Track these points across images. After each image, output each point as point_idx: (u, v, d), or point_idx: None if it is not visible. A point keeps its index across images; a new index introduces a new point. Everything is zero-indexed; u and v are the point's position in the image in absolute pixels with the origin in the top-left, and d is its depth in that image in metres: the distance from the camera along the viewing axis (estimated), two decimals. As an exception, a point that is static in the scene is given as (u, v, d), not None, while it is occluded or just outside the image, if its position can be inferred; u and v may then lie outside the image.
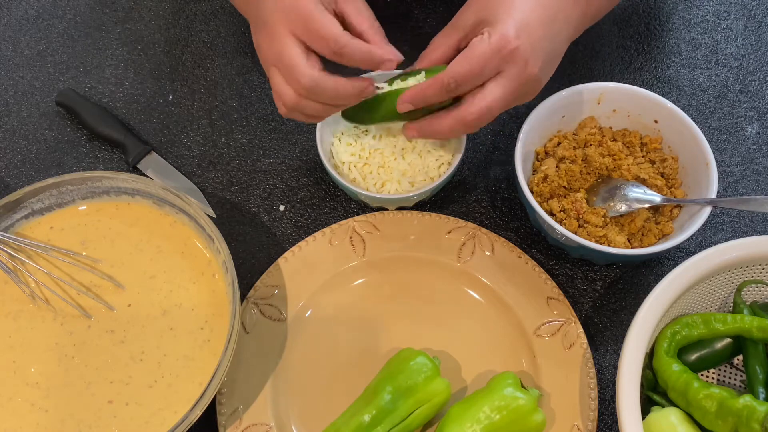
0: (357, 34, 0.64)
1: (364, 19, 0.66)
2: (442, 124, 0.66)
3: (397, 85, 0.67)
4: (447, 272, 0.75)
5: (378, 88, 0.68)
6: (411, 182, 0.75)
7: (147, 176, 0.81)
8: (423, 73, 0.67)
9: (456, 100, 0.66)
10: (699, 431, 0.61)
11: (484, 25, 0.63)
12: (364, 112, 0.69)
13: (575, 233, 0.71)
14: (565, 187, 0.74)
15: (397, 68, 0.65)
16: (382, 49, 0.64)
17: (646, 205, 0.73)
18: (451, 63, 0.63)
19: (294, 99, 0.65)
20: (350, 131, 0.77)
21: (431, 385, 0.65)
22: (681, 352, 0.66)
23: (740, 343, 0.66)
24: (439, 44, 0.67)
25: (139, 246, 0.73)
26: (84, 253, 0.73)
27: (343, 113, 0.71)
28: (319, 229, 0.76)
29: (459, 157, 0.75)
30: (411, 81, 0.67)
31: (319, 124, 0.76)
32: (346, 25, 0.65)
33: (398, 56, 0.64)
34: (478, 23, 0.64)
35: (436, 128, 0.67)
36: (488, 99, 0.63)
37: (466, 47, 0.63)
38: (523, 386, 0.65)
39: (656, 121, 0.77)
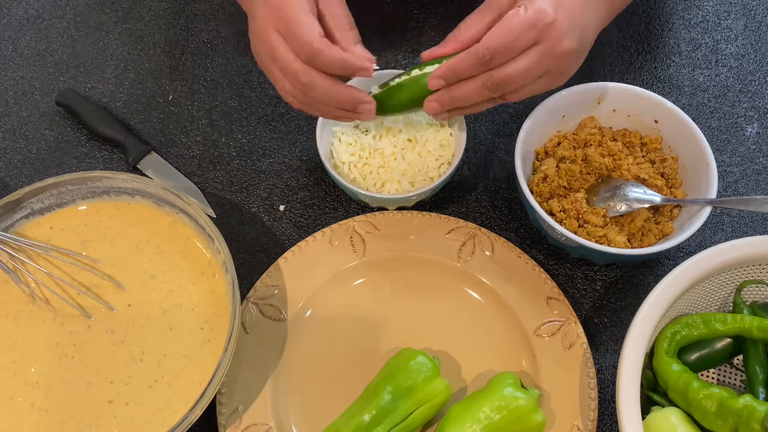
0: (331, 38, 0.64)
1: (338, 24, 0.65)
2: (465, 88, 0.64)
3: (416, 73, 0.67)
4: (447, 272, 0.75)
5: (370, 92, 0.68)
6: (411, 182, 0.75)
7: (147, 176, 0.81)
8: (436, 65, 0.65)
9: None
10: (699, 431, 0.61)
11: (520, 3, 0.62)
12: (384, 100, 0.69)
13: (575, 233, 0.71)
14: (565, 187, 0.74)
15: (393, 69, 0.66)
16: (355, 56, 0.64)
17: (646, 205, 0.73)
18: (486, 34, 0.62)
19: (292, 92, 0.66)
20: (350, 131, 0.77)
21: (431, 385, 0.65)
22: (681, 352, 0.66)
23: (740, 343, 0.66)
24: (471, 25, 0.65)
25: (139, 246, 0.73)
26: (84, 253, 0.73)
27: None
28: (319, 229, 0.76)
29: (459, 157, 0.75)
30: (428, 69, 0.66)
31: (319, 124, 0.76)
32: (323, 26, 0.65)
33: (371, 59, 0.64)
34: (514, 2, 0.63)
35: (457, 94, 0.65)
36: (519, 63, 0.62)
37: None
38: (523, 386, 0.65)
39: (656, 121, 0.77)
